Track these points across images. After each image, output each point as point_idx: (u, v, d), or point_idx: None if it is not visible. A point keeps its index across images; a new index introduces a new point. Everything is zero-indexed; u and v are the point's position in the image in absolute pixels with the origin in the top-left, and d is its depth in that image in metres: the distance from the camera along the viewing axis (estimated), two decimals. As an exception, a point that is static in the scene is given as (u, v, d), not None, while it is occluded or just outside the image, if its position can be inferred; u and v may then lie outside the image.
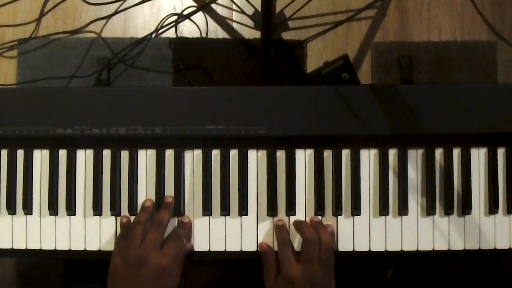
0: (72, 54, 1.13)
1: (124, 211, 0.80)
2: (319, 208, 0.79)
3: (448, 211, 0.80)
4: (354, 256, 0.79)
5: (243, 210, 0.80)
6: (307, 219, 0.79)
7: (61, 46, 1.13)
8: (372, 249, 0.79)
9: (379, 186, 0.80)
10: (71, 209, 0.80)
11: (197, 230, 0.80)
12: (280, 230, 0.78)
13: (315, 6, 1.15)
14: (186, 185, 0.81)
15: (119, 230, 0.80)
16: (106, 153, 0.81)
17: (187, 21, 1.15)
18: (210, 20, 1.15)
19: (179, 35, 1.14)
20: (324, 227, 0.77)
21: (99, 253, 0.80)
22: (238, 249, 0.80)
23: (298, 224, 0.78)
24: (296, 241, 0.79)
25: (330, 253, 0.76)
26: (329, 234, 0.76)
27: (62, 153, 0.81)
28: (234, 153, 0.81)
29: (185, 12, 1.14)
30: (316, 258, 0.74)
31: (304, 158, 0.81)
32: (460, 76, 1.11)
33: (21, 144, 0.81)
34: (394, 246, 0.79)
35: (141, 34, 1.14)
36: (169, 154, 0.81)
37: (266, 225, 0.80)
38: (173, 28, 1.14)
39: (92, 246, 0.80)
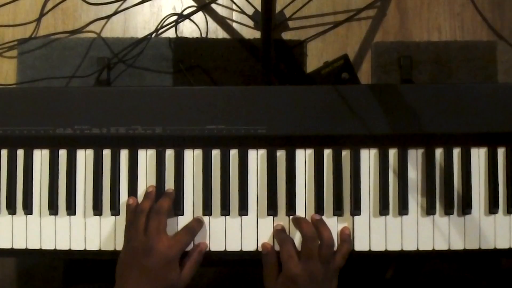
0: (72, 54, 1.13)
1: (124, 211, 0.80)
2: (319, 208, 0.79)
3: (448, 211, 0.80)
4: (354, 256, 0.79)
5: (243, 210, 0.80)
6: (308, 217, 0.79)
7: (61, 46, 1.13)
8: (372, 249, 0.79)
9: (379, 186, 0.80)
10: (71, 209, 0.80)
11: (197, 230, 0.80)
12: (278, 232, 0.78)
13: (315, 6, 1.15)
14: (186, 185, 0.81)
15: (118, 230, 0.80)
16: (106, 153, 0.81)
17: (187, 21, 1.15)
18: (210, 20, 1.15)
19: (179, 35, 1.14)
20: (325, 224, 0.77)
21: (99, 253, 0.80)
22: (238, 249, 0.80)
23: (297, 221, 0.78)
24: (297, 239, 0.79)
25: (331, 250, 0.76)
26: (330, 232, 0.76)
27: (62, 153, 0.81)
28: (234, 153, 0.81)
29: (185, 12, 1.14)
30: (316, 255, 0.74)
31: (304, 158, 0.81)
32: (460, 76, 1.11)
33: (21, 144, 0.81)
34: (394, 246, 0.79)
35: (141, 34, 1.14)
36: (169, 154, 0.81)
37: (266, 225, 0.80)
38: (173, 28, 1.14)
39: (92, 246, 0.80)
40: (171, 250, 0.74)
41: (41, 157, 0.81)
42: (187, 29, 1.15)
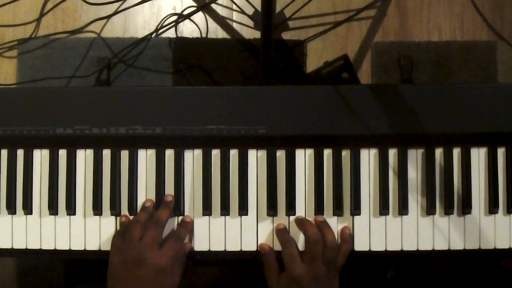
0: (72, 54, 1.12)
1: (124, 211, 0.80)
2: (319, 208, 0.79)
3: (448, 211, 0.80)
4: (354, 256, 0.79)
5: (243, 210, 0.80)
6: (311, 219, 0.79)
7: (61, 46, 1.13)
8: (372, 249, 0.79)
9: (379, 186, 0.80)
10: (71, 209, 0.80)
11: (197, 230, 0.80)
12: (281, 232, 0.78)
13: (315, 6, 1.15)
14: (186, 185, 0.81)
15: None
16: (106, 153, 0.81)
17: (187, 21, 1.15)
18: (210, 20, 1.15)
19: (179, 35, 1.14)
20: (329, 226, 0.78)
21: (99, 253, 0.80)
22: (238, 249, 0.80)
23: (300, 222, 0.78)
24: (299, 239, 0.79)
25: (335, 253, 0.76)
26: (333, 234, 0.77)
27: (62, 153, 0.81)
28: (234, 153, 0.81)
29: (185, 12, 1.14)
30: (320, 257, 0.75)
31: (304, 158, 0.81)
32: (460, 76, 1.11)
33: (21, 144, 0.81)
34: (394, 246, 0.79)
35: (141, 34, 1.14)
36: (169, 154, 0.81)
37: (266, 225, 0.80)
38: (173, 28, 1.14)
39: (92, 246, 0.80)
40: (162, 260, 0.74)
41: (41, 157, 0.81)
42: (187, 29, 1.15)
